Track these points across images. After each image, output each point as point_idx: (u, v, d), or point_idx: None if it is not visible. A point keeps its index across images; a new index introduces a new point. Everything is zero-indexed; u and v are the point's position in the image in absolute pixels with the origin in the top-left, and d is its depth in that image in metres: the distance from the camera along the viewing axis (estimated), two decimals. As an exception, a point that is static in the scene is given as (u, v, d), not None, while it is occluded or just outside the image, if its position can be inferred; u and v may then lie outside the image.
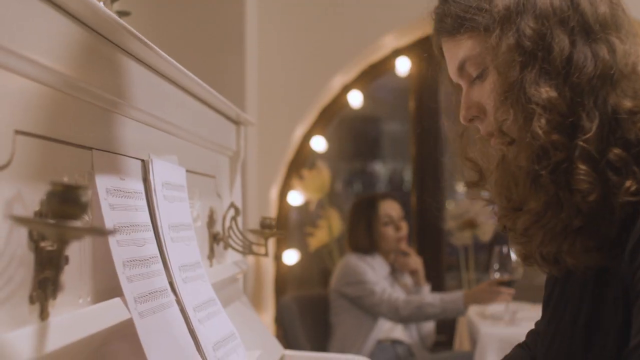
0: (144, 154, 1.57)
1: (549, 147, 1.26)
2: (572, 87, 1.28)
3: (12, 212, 1.03)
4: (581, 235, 1.27)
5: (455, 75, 1.46)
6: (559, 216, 1.27)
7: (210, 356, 1.60)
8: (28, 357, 0.94)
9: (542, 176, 1.27)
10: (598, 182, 1.24)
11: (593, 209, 1.25)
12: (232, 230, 2.27)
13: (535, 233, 1.32)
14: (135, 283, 1.35)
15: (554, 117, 1.27)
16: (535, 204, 1.30)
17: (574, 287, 1.39)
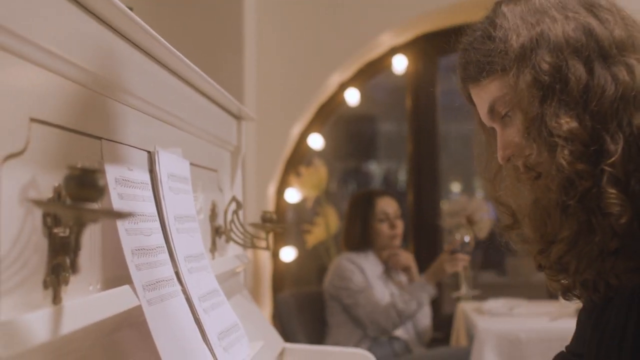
0: (150, 145, 1.59)
1: (574, 177, 1.28)
2: (592, 114, 1.29)
3: (27, 197, 1.05)
4: (620, 257, 1.29)
5: (487, 118, 1.48)
6: (593, 241, 1.29)
7: (216, 345, 1.62)
8: (43, 339, 0.96)
9: (571, 206, 1.29)
10: (629, 203, 1.26)
11: (628, 230, 1.26)
12: (234, 223, 2.29)
13: (569, 261, 1.34)
14: (144, 271, 1.37)
15: (576, 147, 1.29)
16: (568, 232, 1.31)
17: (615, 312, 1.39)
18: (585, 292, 1.42)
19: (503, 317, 4.24)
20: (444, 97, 5.65)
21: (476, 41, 1.47)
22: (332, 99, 5.49)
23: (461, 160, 6.30)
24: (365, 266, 4.43)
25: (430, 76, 5.58)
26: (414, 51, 5.49)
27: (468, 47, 1.49)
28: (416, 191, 5.60)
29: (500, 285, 5.71)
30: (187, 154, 1.84)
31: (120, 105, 1.44)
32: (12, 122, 1.02)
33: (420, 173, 5.58)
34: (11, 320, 0.92)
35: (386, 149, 6.47)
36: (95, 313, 1.15)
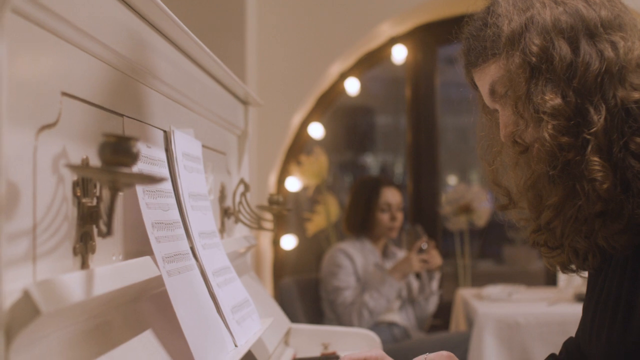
0: (165, 125, 1.65)
1: (557, 150, 1.37)
2: (576, 89, 1.38)
3: (58, 168, 1.11)
4: (606, 220, 1.37)
5: (489, 100, 1.56)
6: (578, 204, 1.37)
7: (229, 318, 1.68)
8: (78, 299, 1.02)
9: (556, 175, 1.38)
10: (611, 170, 1.34)
11: (611, 194, 1.34)
12: (242, 205, 2.34)
13: (557, 226, 1.43)
14: (163, 244, 1.43)
15: (560, 121, 1.37)
16: (555, 199, 1.40)
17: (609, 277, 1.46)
18: (577, 261, 1.49)
19: (502, 303, 4.30)
20: (441, 89, 5.69)
21: (475, 29, 1.56)
22: (332, 89, 5.53)
23: (458, 154, 6.34)
24: (359, 255, 4.47)
25: (430, 66, 5.62)
26: (413, 41, 5.53)
27: (469, 36, 1.58)
28: (415, 180, 5.64)
29: (498, 274, 5.75)
30: (198, 135, 1.90)
31: (142, 86, 1.50)
32: (46, 95, 1.07)
33: (420, 161, 5.62)
34: (51, 279, 0.97)
35: (383, 142, 6.50)
36: (121, 278, 1.20)
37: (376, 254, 4.53)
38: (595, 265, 1.49)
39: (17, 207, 0.98)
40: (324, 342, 2.48)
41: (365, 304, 4.26)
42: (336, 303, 4.33)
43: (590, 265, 1.49)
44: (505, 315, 3.99)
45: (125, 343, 1.22)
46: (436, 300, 4.62)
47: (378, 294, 4.29)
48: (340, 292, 4.34)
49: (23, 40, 1.00)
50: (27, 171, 1.02)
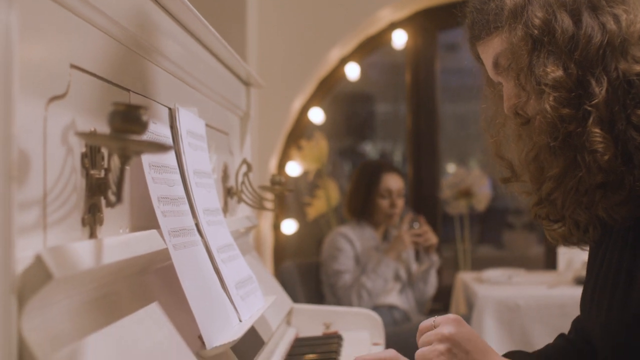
0: (170, 102, 1.66)
1: (558, 121, 1.38)
2: (578, 62, 1.39)
3: (68, 139, 1.12)
4: (607, 191, 1.38)
5: (493, 73, 1.57)
6: (579, 175, 1.38)
7: (234, 293, 1.69)
8: (89, 266, 1.04)
9: (557, 147, 1.40)
10: (612, 142, 1.35)
11: (612, 166, 1.35)
12: (245, 185, 2.36)
13: (557, 197, 1.44)
14: (169, 218, 1.44)
15: (561, 93, 1.39)
16: (556, 170, 1.42)
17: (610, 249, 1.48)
18: (578, 233, 1.51)
19: (502, 286, 4.32)
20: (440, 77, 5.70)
21: (479, 2, 1.58)
22: (332, 74, 5.54)
23: (457, 142, 6.35)
24: (359, 239, 4.49)
25: (430, 51, 5.63)
26: (413, 26, 5.54)
27: (473, 9, 1.60)
28: (415, 165, 5.66)
29: (498, 259, 5.77)
30: (202, 114, 1.91)
31: (148, 63, 1.52)
32: (56, 66, 1.09)
33: (420, 147, 5.64)
34: (63, 246, 0.99)
35: (382, 129, 6.51)
36: (129, 249, 1.22)
37: (376, 239, 4.55)
38: (595, 237, 1.50)
39: (28, 175, 0.99)
40: (326, 321, 2.50)
41: (364, 285, 4.29)
42: (337, 286, 4.36)
43: (591, 237, 1.51)
44: (505, 297, 4.02)
45: (132, 314, 1.23)
46: (435, 282, 4.63)
47: (375, 274, 4.32)
48: (340, 275, 4.36)
49: (34, 12, 1.02)
50: (38, 141, 1.03)
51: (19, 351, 0.90)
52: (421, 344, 1.49)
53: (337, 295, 4.36)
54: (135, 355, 1.16)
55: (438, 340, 1.44)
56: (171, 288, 1.46)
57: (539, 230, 5.90)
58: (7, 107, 0.88)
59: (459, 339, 1.44)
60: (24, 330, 0.90)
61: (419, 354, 1.48)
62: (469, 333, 1.45)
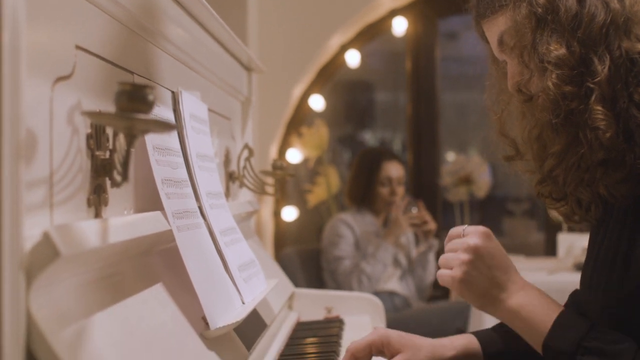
0: (173, 86, 1.67)
1: (560, 99, 1.39)
2: (581, 40, 1.40)
3: (73, 119, 1.13)
4: (608, 168, 1.39)
5: (498, 51, 1.58)
6: (580, 152, 1.39)
7: (237, 276, 1.71)
8: (95, 245, 1.05)
9: (559, 124, 1.40)
10: (614, 120, 1.36)
11: (614, 143, 1.36)
12: (247, 170, 2.37)
13: (559, 174, 1.45)
14: (173, 200, 1.45)
15: (564, 71, 1.39)
16: (558, 147, 1.42)
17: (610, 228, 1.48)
18: (580, 212, 1.52)
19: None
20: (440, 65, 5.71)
21: None
22: (333, 61, 5.54)
23: (456, 130, 6.35)
24: (359, 226, 4.50)
25: (430, 38, 5.63)
26: (413, 13, 5.54)
27: None
28: (415, 153, 5.66)
29: (498, 246, 5.77)
30: (204, 99, 1.92)
31: (152, 46, 1.53)
32: (61, 47, 1.10)
33: (420, 134, 5.64)
34: (70, 225, 1.00)
35: (382, 118, 6.51)
36: (134, 229, 1.23)
37: (376, 226, 4.56)
38: (597, 215, 1.51)
39: (35, 155, 1.00)
40: (328, 306, 2.51)
41: (363, 271, 4.31)
42: (337, 272, 4.37)
43: (593, 216, 1.52)
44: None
45: (137, 294, 1.25)
46: (433, 269, 4.64)
47: (374, 259, 4.34)
48: (341, 261, 4.38)
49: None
50: (44, 121, 1.04)
51: (27, 328, 0.91)
52: (447, 250, 1.49)
53: (338, 281, 4.38)
54: (140, 334, 1.17)
55: (463, 249, 1.44)
56: (174, 270, 1.47)
57: (539, 218, 5.91)
58: (14, 87, 0.89)
59: (483, 252, 1.44)
60: (32, 307, 0.91)
61: (442, 259, 1.48)
62: (495, 248, 1.45)
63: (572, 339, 1.35)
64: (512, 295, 1.44)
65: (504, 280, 1.44)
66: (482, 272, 1.43)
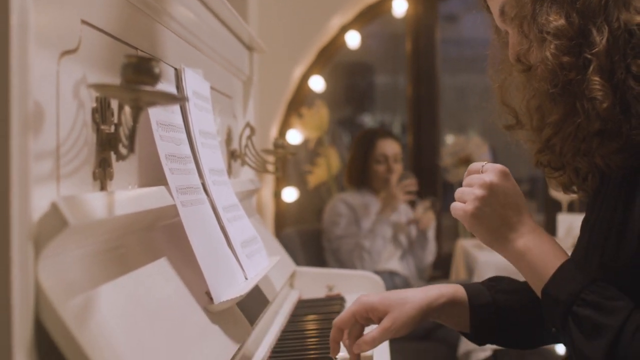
0: (176, 63, 1.68)
1: (558, 69, 1.39)
2: (580, 11, 1.40)
3: (79, 93, 1.14)
4: (604, 138, 1.39)
5: (499, 21, 1.59)
6: (577, 122, 1.40)
7: (239, 252, 1.72)
8: (101, 216, 1.06)
9: (557, 93, 1.41)
10: (611, 91, 1.37)
11: (610, 114, 1.37)
12: (248, 148, 2.38)
13: (556, 143, 1.45)
14: (176, 175, 1.46)
15: (562, 42, 1.40)
16: (556, 117, 1.43)
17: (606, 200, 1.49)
18: (577, 181, 1.54)
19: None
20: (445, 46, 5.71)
21: None
22: (333, 42, 5.54)
23: (455, 113, 6.34)
24: (359, 205, 4.51)
25: (430, 20, 5.63)
26: (413, -6, 5.55)
27: None
28: (415, 134, 5.67)
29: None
30: (207, 77, 1.93)
31: (155, 23, 1.54)
32: (67, 21, 1.11)
33: (420, 115, 5.65)
34: (77, 196, 1.01)
35: (382, 101, 6.51)
36: (140, 203, 1.24)
37: (376, 205, 4.57)
38: (594, 186, 1.53)
39: (42, 127, 1.01)
40: (329, 284, 2.52)
41: (363, 247, 4.32)
42: (340, 251, 4.39)
43: (590, 186, 1.53)
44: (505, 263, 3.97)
45: (142, 267, 1.26)
46: (433, 249, 4.66)
47: (373, 235, 4.36)
48: (342, 240, 4.39)
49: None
50: (51, 94, 1.05)
51: (35, 297, 0.92)
52: (465, 184, 1.50)
53: (341, 259, 4.39)
54: (145, 307, 1.18)
55: (479, 185, 1.45)
56: (177, 245, 1.48)
57: (539, 199, 5.92)
58: (22, 60, 0.90)
59: (498, 191, 1.44)
60: (41, 277, 0.93)
61: (458, 192, 1.49)
62: (511, 188, 1.46)
63: (571, 290, 1.36)
64: (521, 236, 1.43)
65: (515, 220, 1.44)
66: (495, 209, 1.44)
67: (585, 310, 1.33)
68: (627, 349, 1.29)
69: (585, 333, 1.32)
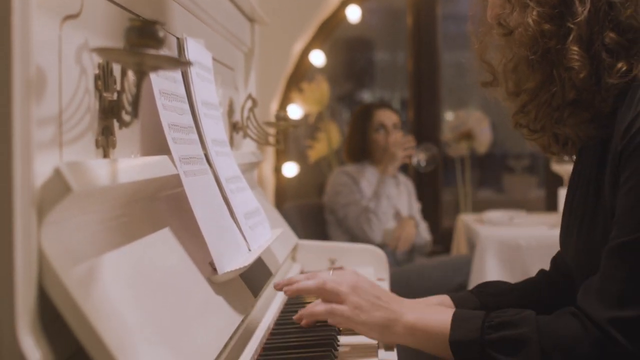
0: (179, 33, 1.66)
1: (539, 36, 1.41)
2: None
3: (81, 59, 1.12)
4: (577, 108, 1.42)
5: None
6: (553, 90, 1.42)
7: (243, 223, 1.70)
8: (105, 183, 1.04)
9: (535, 60, 1.42)
10: (588, 61, 1.38)
11: (586, 84, 1.38)
12: (250, 120, 2.36)
13: (531, 110, 1.47)
14: (179, 145, 1.44)
15: (545, 9, 1.41)
16: (533, 84, 1.44)
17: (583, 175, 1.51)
18: (557, 146, 1.56)
19: (503, 226, 4.35)
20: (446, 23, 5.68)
21: None
22: (333, 16, 5.51)
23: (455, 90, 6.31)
24: (361, 177, 4.50)
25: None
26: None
27: None
28: (416, 109, 5.65)
29: (498, 202, 5.79)
30: (208, 47, 1.90)
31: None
32: (69, -15, 1.09)
33: (420, 90, 5.63)
34: (81, 162, 1.00)
35: (381, 78, 6.48)
36: (143, 171, 1.23)
37: (378, 176, 4.55)
38: (574, 152, 1.57)
39: (44, 93, 1.00)
40: (331, 257, 2.51)
41: (368, 209, 4.31)
42: (347, 218, 4.37)
43: (570, 151, 1.57)
44: (506, 237, 4.05)
45: (145, 237, 1.24)
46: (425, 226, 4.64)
47: (376, 196, 4.35)
48: (348, 207, 4.38)
49: None
50: (53, 59, 1.04)
51: (38, 264, 0.91)
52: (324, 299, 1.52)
53: (349, 227, 4.38)
54: (149, 276, 1.17)
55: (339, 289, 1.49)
56: (180, 216, 1.47)
57: (539, 174, 5.91)
58: (24, 25, 0.89)
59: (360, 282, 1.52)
60: (44, 244, 0.91)
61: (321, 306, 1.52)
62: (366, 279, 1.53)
63: (474, 326, 1.38)
64: (406, 312, 1.46)
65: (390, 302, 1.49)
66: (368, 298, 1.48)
67: (498, 334, 1.35)
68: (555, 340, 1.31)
69: (510, 352, 1.34)
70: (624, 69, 1.37)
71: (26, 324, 0.89)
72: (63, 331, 0.93)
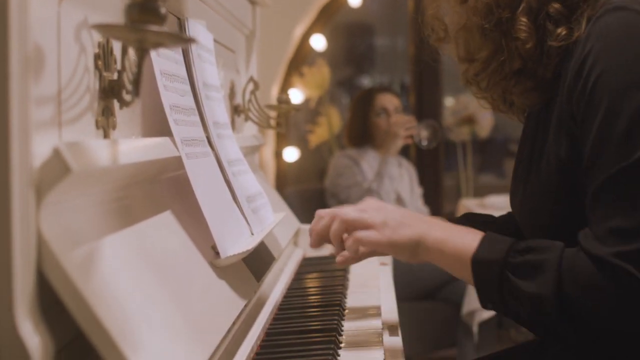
0: (179, 13, 1.63)
1: (494, 5, 1.42)
2: None
3: (80, 37, 1.10)
4: (521, 77, 1.44)
5: None
6: (501, 60, 1.43)
7: (245, 206, 1.68)
8: (105, 164, 1.02)
9: (488, 29, 1.43)
10: (535, 32, 1.40)
11: (531, 54, 1.40)
12: (252, 103, 2.33)
13: (483, 79, 1.49)
14: (181, 127, 1.42)
15: None
16: (485, 53, 1.46)
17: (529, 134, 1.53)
18: (504, 106, 1.60)
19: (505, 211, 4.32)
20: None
21: None
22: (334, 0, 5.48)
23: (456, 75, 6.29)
24: (363, 160, 4.48)
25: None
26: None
27: None
28: (417, 92, 5.63)
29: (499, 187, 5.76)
30: (209, 28, 1.88)
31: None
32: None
33: (422, 75, 5.60)
34: (80, 142, 0.97)
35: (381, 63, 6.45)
36: (144, 152, 1.20)
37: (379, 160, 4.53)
38: (519, 113, 1.60)
39: (42, 71, 0.97)
40: (333, 242, 2.49)
41: (372, 190, 4.29)
42: (350, 200, 4.34)
43: (516, 111, 1.60)
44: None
45: (147, 220, 1.22)
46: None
47: (379, 176, 4.33)
48: (351, 189, 4.35)
49: None
50: (51, 37, 1.01)
51: (37, 247, 0.89)
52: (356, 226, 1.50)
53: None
54: (150, 259, 1.14)
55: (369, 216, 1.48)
56: (182, 198, 1.45)
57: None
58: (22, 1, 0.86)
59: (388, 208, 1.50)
60: (42, 227, 0.89)
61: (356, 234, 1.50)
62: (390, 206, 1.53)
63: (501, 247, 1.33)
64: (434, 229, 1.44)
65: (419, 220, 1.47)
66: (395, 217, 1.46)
67: (520, 257, 1.31)
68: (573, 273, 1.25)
69: (528, 276, 1.29)
70: (564, 33, 1.38)
71: (24, 309, 0.87)
72: (62, 316, 0.91)
